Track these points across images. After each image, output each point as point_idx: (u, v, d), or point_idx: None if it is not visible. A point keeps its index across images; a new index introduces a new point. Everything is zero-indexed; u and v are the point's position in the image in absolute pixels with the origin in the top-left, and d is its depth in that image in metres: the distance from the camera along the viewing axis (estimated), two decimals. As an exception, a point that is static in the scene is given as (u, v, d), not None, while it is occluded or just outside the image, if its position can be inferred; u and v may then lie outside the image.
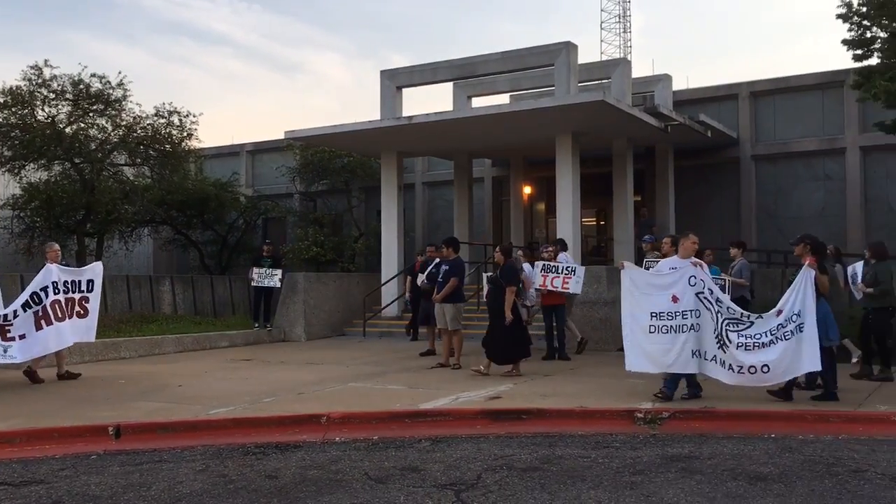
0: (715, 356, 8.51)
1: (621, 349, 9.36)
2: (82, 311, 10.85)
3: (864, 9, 12.66)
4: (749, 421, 7.87)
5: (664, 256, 10.38)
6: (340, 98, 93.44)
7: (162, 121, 21.18)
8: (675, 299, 8.61)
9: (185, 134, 21.47)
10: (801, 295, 8.34)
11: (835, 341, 8.80)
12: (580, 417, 8.03)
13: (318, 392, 9.58)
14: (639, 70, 35.84)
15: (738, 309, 8.66)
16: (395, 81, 18.22)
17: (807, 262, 8.55)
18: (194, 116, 21.57)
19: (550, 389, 9.55)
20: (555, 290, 12.58)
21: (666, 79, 19.69)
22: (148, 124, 21.08)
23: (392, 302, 17.84)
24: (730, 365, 8.44)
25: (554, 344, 12.72)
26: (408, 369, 11.68)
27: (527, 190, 21.42)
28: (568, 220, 16.22)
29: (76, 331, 10.82)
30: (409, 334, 15.65)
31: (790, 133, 19.12)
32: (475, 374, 10.55)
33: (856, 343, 10.80)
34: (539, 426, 7.82)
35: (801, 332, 8.26)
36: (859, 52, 13.11)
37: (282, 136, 19.13)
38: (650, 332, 8.70)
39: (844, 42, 13.21)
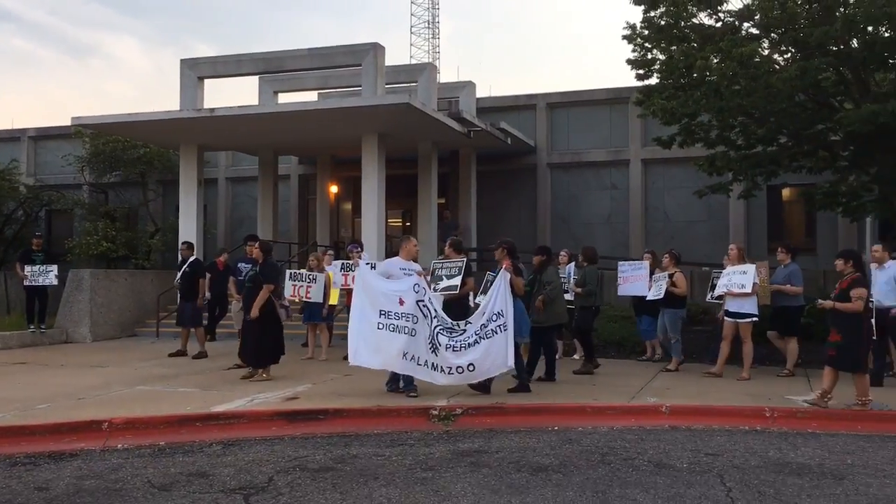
0: (426, 360, 8.85)
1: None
2: None
3: (646, 32, 13.70)
4: (536, 415, 8.29)
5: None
6: (139, 85, 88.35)
7: (-74, 99, 18.99)
8: (401, 302, 8.93)
9: (-46, 115, 19.36)
10: (501, 296, 8.96)
11: (526, 338, 9.54)
12: (377, 416, 8.10)
13: (102, 397, 8.99)
14: (446, 76, 36.77)
15: (450, 320, 9.03)
16: (197, 72, 17.49)
17: (504, 266, 9.18)
18: (-34, 96, 19.52)
19: (350, 389, 9.54)
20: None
21: (470, 86, 20.32)
22: None
23: (189, 301, 17.08)
24: (441, 367, 8.84)
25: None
26: (203, 371, 11.23)
27: (334, 189, 21.31)
28: (373, 221, 16.31)
29: None
30: (206, 334, 15.04)
31: (582, 143, 20.36)
32: (260, 380, 10.19)
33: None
34: (336, 426, 7.80)
35: (505, 330, 8.88)
36: (641, 71, 14.13)
37: (69, 123, 17.78)
38: (378, 329, 8.92)
39: (629, 62, 14.22)
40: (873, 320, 8.53)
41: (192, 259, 13.33)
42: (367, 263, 11.72)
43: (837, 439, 7.41)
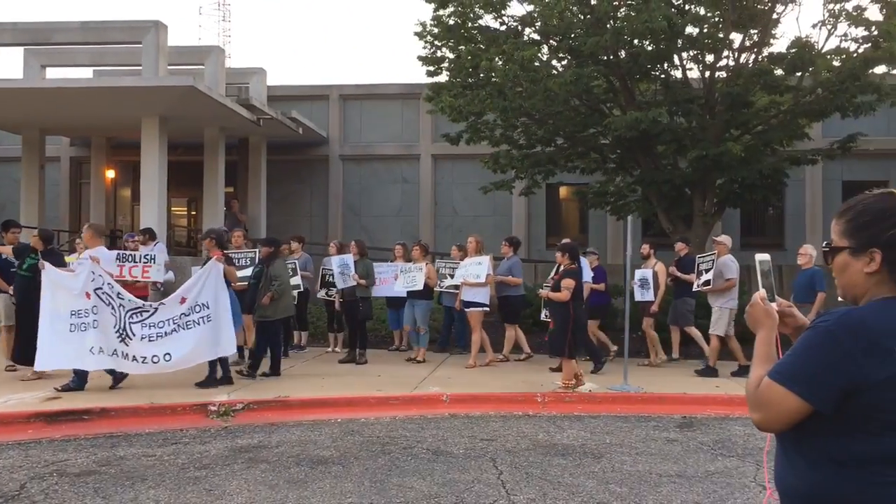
0: (116, 350, 8.57)
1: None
2: None
3: (436, 30, 14.02)
4: (320, 408, 8.24)
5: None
6: None
7: None
8: (88, 296, 8.60)
9: None
10: (209, 286, 8.82)
11: (238, 327, 9.37)
12: (150, 414, 7.70)
13: None
14: (237, 62, 35.53)
15: (138, 301, 8.84)
16: (-53, 38, 15.66)
17: (214, 257, 9.08)
18: None
19: (121, 385, 8.95)
20: (135, 279, 11.85)
21: (261, 72, 19.77)
22: None
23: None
24: (133, 357, 8.61)
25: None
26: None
27: (110, 174, 19.91)
28: (153, 209, 15.41)
29: None
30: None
31: (374, 137, 20.48)
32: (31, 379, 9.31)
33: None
34: (103, 426, 7.33)
35: (210, 321, 8.75)
36: (431, 68, 14.46)
37: None
38: (70, 332, 8.54)
39: (420, 58, 14.50)
40: None
41: None
42: (148, 254, 11.13)
43: (599, 421, 8.00)
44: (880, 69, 12.85)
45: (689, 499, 5.38)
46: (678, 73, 13.79)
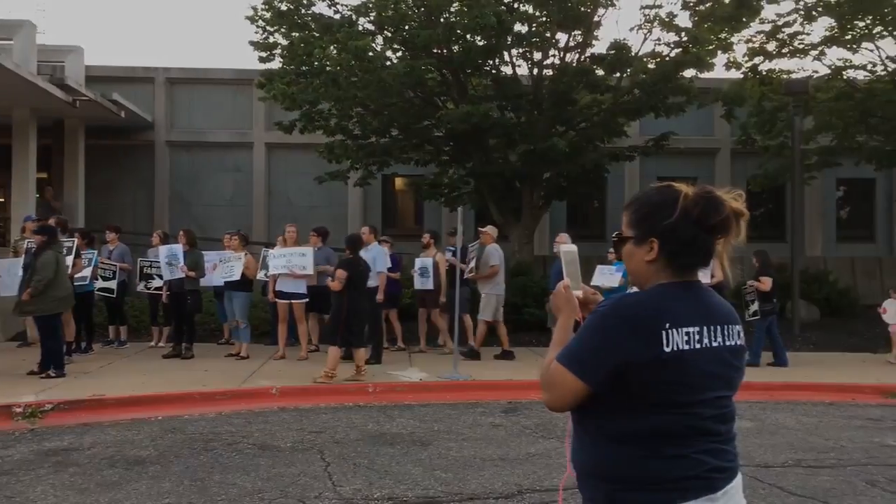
0: None
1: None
2: None
3: (268, 15, 13.66)
4: (139, 406, 7.86)
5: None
6: None
7: None
8: None
9: None
10: None
11: None
12: (-56, 419, 7.04)
13: None
14: (53, 38, 33.13)
15: None
16: None
17: None
18: None
19: None
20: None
21: (78, 51, 18.50)
22: None
23: None
24: None
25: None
26: None
27: None
28: (-48, 195, 14.09)
29: None
30: None
31: (205, 123, 19.69)
32: None
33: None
34: None
35: None
36: (264, 54, 14.09)
37: None
38: None
39: (251, 43, 14.08)
40: None
41: None
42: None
43: (429, 409, 8.12)
44: (689, 72, 13.80)
45: (511, 481, 5.57)
46: (508, 70, 14.18)
